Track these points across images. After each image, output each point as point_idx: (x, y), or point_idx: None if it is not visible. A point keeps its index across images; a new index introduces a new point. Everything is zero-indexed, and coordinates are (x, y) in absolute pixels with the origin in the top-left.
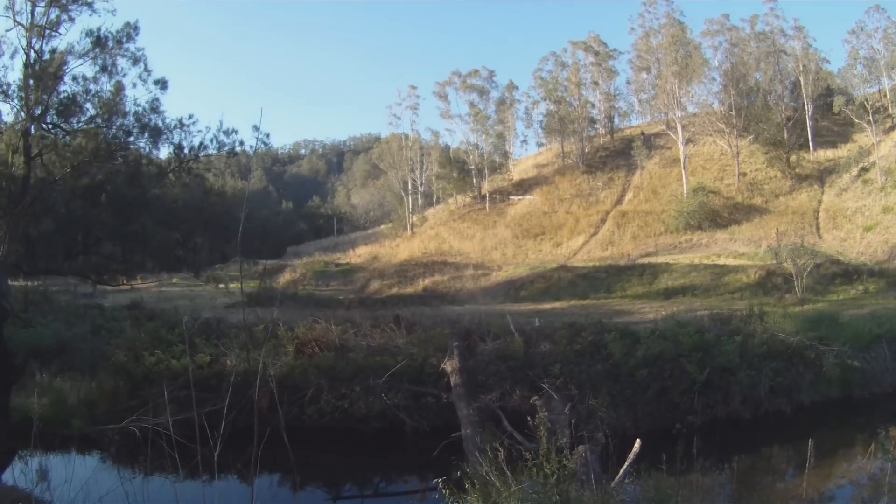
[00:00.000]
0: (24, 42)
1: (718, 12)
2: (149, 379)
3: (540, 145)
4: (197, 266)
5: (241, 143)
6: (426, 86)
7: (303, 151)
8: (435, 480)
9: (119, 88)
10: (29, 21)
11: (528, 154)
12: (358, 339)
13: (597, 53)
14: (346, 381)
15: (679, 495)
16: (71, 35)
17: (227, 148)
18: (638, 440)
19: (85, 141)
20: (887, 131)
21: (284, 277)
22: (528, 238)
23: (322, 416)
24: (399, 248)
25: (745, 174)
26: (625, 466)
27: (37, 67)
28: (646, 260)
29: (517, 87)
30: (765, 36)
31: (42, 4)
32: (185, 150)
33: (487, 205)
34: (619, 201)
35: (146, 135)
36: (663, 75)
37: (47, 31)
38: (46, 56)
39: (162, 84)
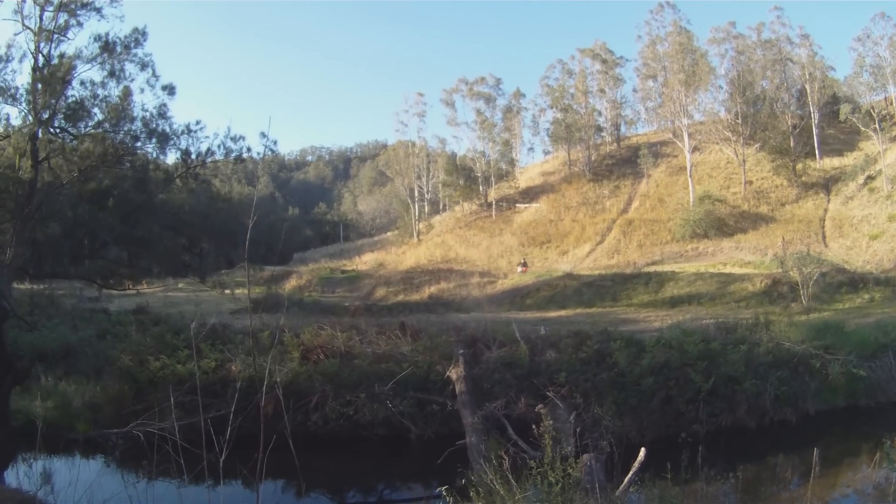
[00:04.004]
0: (32, 46)
1: (725, 20)
2: (154, 384)
3: (546, 153)
4: (203, 271)
5: (249, 149)
6: (433, 93)
7: (309, 158)
8: (439, 488)
9: (127, 93)
10: (37, 25)
11: (535, 162)
12: (363, 346)
13: (604, 61)
14: (352, 387)
15: None
16: (79, 40)
17: (234, 154)
18: (643, 449)
19: (92, 145)
20: (894, 139)
21: (290, 284)
22: (534, 246)
23: (327, 423)
24: (405, 256)
25: (751, 182)
26: (630, 475)
27: (45, 72)
28: (652, 268)
29: (524, 95)
30: (771, 44)
31: (51, 9)
32: (193, 156)
33: (494, 212)
34: (625, 209)
35: (153, 140)
36: (670, 83)
37: (56, 36)
38: (55, 60)
39: (170, 90)
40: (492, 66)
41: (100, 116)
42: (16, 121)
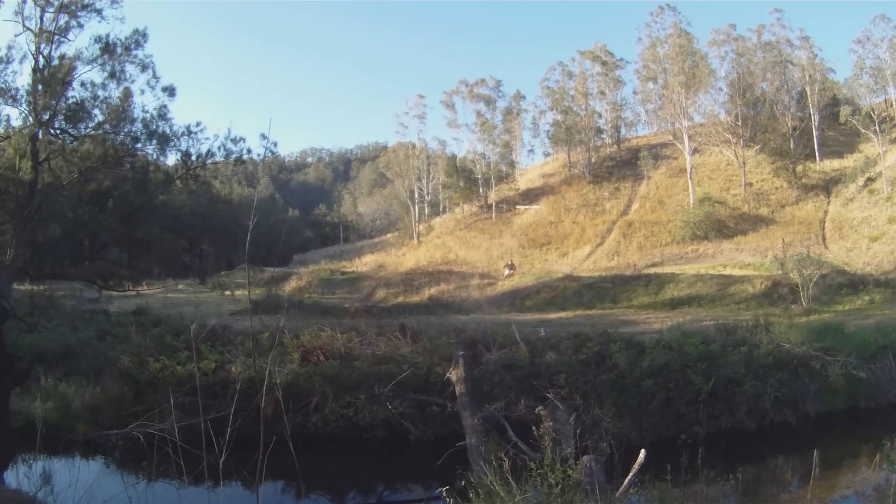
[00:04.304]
0: (32, 47)
1: (725, 22)
2: (153, 385)
3: (546, 155)
4: (203, 273)
5: (249, 150)
6: (433, 95)
7: (309, 159)
8: (439, 489)
9: (127, 95)
10: (38, 27)
11: (535, 164)
12: (363, 348)
13: (604, 63)
14: (351, 389)
15: None
16: (80, 41)
17: (234, 156)
18: (643, 450)
19: (93, 147)
20: (894, 141)
21: (290, 285)
22: (534, 247)
23: (327, 424)
24: (405, 257)
25: (751, 184)
26: (629, 477)
27: (45, 73)
28: (652, 270)
29: (524, 97)
30: (771, 46)
31: (51, 10)
32: (193, 158)
33: (494, 214)
34: (625, 211)
35: (154, 141)
36: (670, 85)
37: (56, 37)
38: (55, 62)
39: (170, 91)
40: (492, 68)
41: (100, 118)
42: (16, 122)
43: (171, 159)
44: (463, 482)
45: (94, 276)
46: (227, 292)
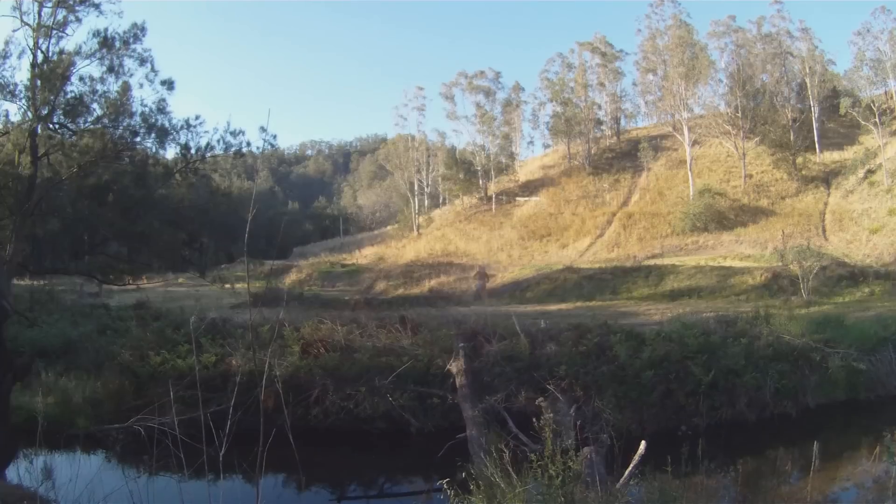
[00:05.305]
0: (31, 42)
1: (725, 14)
2: (154, 378)
3: (546, 147)
4: (203, 266)
5: (248, 143)
6: (433, 87)
7: (309, 152)
8: (440, 481)
9: (126, 89)
10: (36, 21)
11: (535, 155)
12: (363, 340)
13: (603, 55)
14: (352, 381)
15: (684, 497)
16: (78, 36)
17: (233, 149)
18: (643, 442)
19: (92, 141)
20: (894, 133)
21: (290, 278)
22: (534, 239)
23: (327, 417)
24: (405, 249)
25: (751, 176)
26: (630, 468)
27: (44, 68)
28: (652, 262)
29: (523, 89)
30: (771, 37)
31: (49, 5)
32: (192, 151)
33: (494, 206)
34: (625, 203)
35: (153, 135)
36: (670, 77)
37: (54, 32)
38: (54, 56)
39: (169, 85)
40: (491, 60)
41: (99, 112)
42: (15, 117)
43: (171, 153)
44: (463, 474)
45: (93, 271)
46: (227, 285)
